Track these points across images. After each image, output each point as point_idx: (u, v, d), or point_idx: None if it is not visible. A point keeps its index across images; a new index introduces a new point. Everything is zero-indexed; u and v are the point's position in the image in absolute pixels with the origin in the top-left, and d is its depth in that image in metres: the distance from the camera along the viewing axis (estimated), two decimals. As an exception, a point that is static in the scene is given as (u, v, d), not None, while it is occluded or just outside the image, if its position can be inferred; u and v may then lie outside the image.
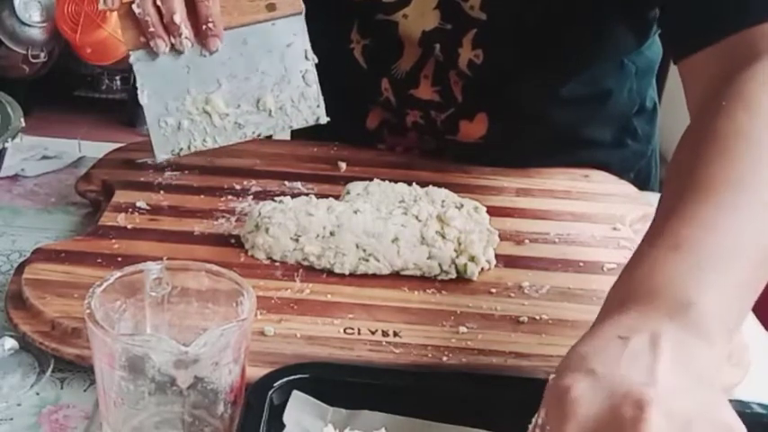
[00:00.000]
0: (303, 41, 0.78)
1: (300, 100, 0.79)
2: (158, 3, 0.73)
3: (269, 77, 0.79)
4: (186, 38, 0.75)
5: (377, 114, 0.97)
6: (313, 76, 0.79)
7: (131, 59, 0.78)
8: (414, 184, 0.81)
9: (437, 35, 0.86)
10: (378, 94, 0.93)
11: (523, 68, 0.86)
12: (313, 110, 0.80)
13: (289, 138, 1.04)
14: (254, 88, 0.79)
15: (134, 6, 0.74)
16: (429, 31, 0.86)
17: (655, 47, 0.95)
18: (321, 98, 0.80)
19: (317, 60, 0.79)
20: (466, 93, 0.90)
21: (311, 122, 0.80)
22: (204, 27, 0.75)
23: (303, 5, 0.77)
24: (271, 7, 0.76)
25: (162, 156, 0.80)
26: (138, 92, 0.78)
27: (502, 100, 0.89)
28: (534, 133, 0.92)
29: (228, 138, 0.80)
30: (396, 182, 0.80)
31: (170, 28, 0.75)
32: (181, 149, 0.80)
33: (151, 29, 0.74)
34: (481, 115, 0.91)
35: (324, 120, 0.79)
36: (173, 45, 0.76)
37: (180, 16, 0.74)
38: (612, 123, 0.97)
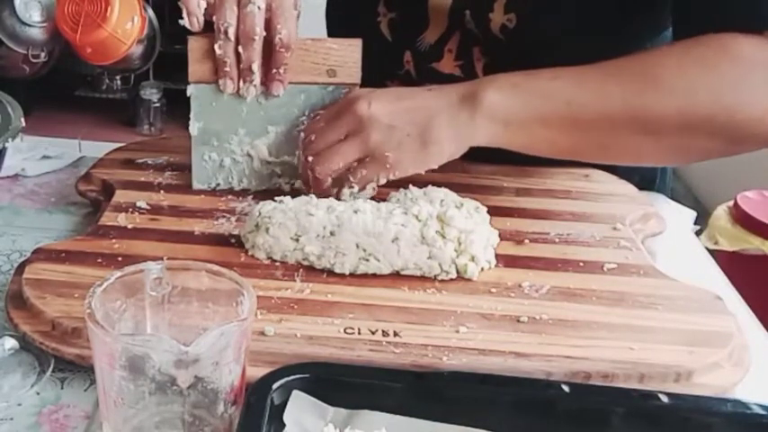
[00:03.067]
0: None
1: None
2: (239, 49, 0.78)
3: None
4: (255, 85, 0.79)
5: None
6: None
7: (190, 91, 0.81)
8: (410, 186, 0.81)
9: (467, 2, 0.88)
10: (399, 66, 0.94)
11: (557, 36, 0.86)
12: None
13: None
14: (297, 143, 0.82)
15: (216, 47, 0.78)
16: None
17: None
18: None
19: None
20: (487, 70, 0.90)
21: None
22: (274, 71, 0.79)
23: (360, 78, 0.82)
24: (331, 73, 0.82)
25: (198, 186, 0.83)
26: (191, 123, 0.82)
27: None
28: None
29: (263, 183, 0.84)
30: (395, 181, 0.80)
31: (244, 74, 0.79)
32: (218, 185, 0.83)
33: (226, 69, 0.79)
34: None
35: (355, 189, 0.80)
36: (238, 88, 0.80)
37: (257, 65, 0.78)
38: None
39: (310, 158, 0.76)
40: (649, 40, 0.91)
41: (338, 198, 0.77)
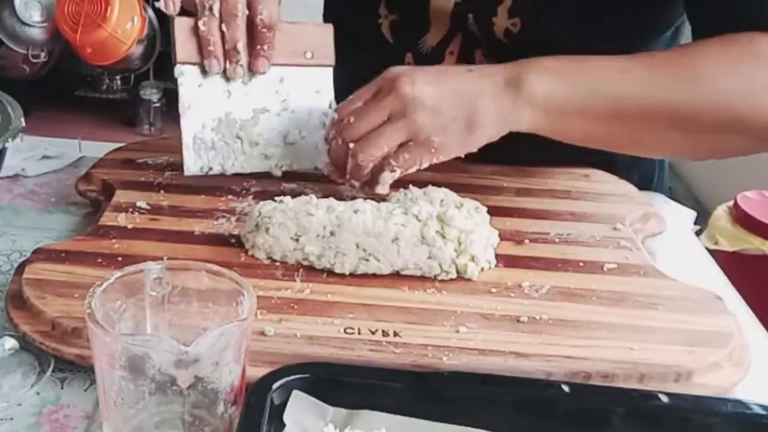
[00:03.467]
0: (329, 92, 0.84)
1: (319, 143, 0.83)
2: (223, 28, 0.77)
3: (297, 117, 0.83)
4: (241, 65, 0.79)
5: None
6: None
7: (177, 72, 0.80)
8: (410, 186, 0.81)
9: (469, 5, 0.88)
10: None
11: (561, 39, 0.86)
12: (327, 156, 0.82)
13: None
14: (283, 125, 0.83)
15: (200, 24, 0.77)
16: (461, 3, 0.88)
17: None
18: None
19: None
20: None
21: (324, 169, 0.82)
22: (258, 47, 0.79)
23: (334, 59, 0.83)
24: (308, 54, 0.83)
25: (192, 170, 0.82)
26: (179, 104, 0.81)
27: None
28: None
29: (253, 166, 0.83)
30: (396, 182, 0.80)
31: (230, 54, 0.79)
32: (210, 168, 0.82)
33: (210, 48, 0.78)
34: None
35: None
36: (224, 68, 0.79)
37: (242, 44, 0.78)
38: None
39: (351, 144, 0.73)
40: (650, 41, 0.91)
41: (371, 188, 0.75)
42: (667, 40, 0.94)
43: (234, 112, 0.81)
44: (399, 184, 0.84)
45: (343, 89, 0.81)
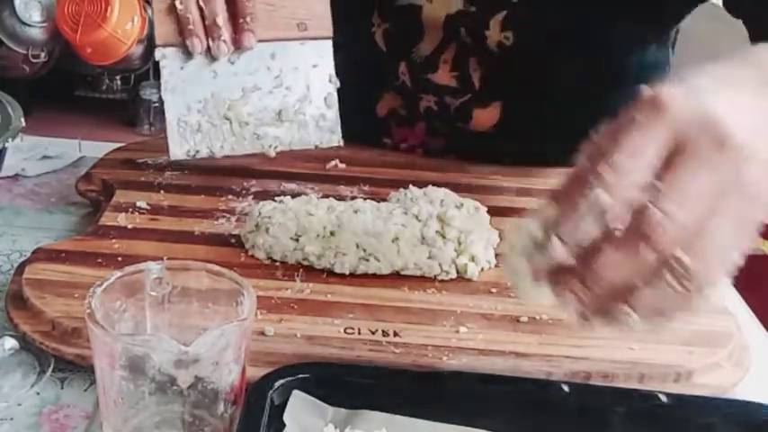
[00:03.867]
0: (328, 65, 0.80)
1: (320, 120, 0.81)
2: (201, 3, 0.75)
3: (292, 94, 0.80)
4: (224, 41, 0.76)
5: (388, 102, 0.97)
6: (334, 99, 0.80)
7: (158, 55, 0.78)
8: (410, 186, 0.81)
9: (462, 18, 0.87)
10: (394, 77, 0.93)
11: (554, 51, 0.86)
12: (331, 132, 0.80)
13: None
14: (277, 103, 0.80)
15: (177, 2, 0.75)
16: (453, 15, 0.87)
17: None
18: (339, 122, 0.80)
19: (338, 85, 0.80)
20: (484, 80, 0.90)
21: (326, 145, 0.80)
22: (241, 21, 0.76)
23: (332, 30, 0.79)
24: (302, 26, 0.78)
25: (177, 154, 0.79)
26: (162, 88, 0.79)
27: (521, 87, 0.89)
28: (546, 123, 0.92)
29: (245, 147, 0.80)
30: (396, 182, 0.80)
31: (210, 30, 0.76)
32: (197, 152, 0.80)
33: (190, 27, 0.76)
34: (496, 104, 0.91)
35: (339, 143, 0.79)
36: (208, 48, 0.77)
37: (222, 18, 0.75)
38: None
39: (684, 261, 0.43)
40: (637, 54, 0.93)
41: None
42: (654, 51, 0.95)
43: (221, 92, 0.79)
44: (399, 184, 0.84)
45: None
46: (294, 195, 0.77)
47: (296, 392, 0.53)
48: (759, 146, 0.44)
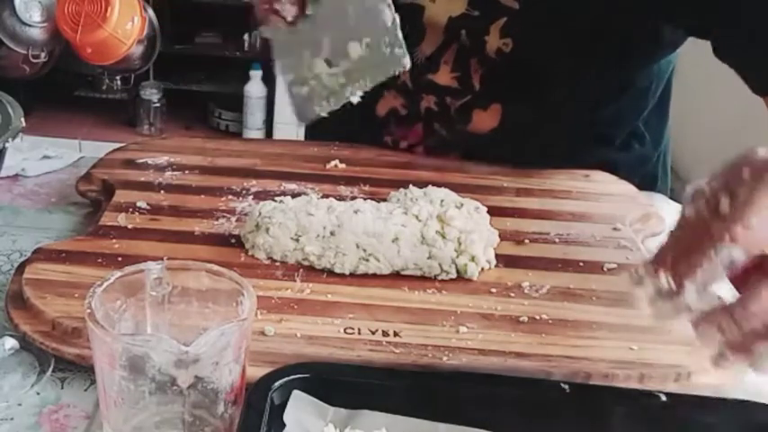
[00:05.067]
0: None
1: (390, 48, 0.75)
2: None
3: (353, 28, 0.76)
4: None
5: (388, 101, 0.97)
6: (397, 24, 0.77)
7: (264, 33, 0.77)
8: (410, 186, 0.81)
9: (463, 21, 0.87)
10: (394, 77, 0.93)
11: (552, 59, 0.87)
12: (399, 58, 0.78)
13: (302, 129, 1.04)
14: (347, 44, 0.76)
15: None
16: (456, 17, 0.88)
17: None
18: (404, 45, 0.78)
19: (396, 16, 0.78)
20: (484, 81, 0.90)
21: (399, 71, 0.78)
22: None
23: None
24: None
25: (304, 121, 0.78)
26: (275, 65, 0.78)
27: (521, 91, 0.89)
28: (546, 128, 0.92)
29: (339, 99, 0.77)
30: (396, 182, 0.80)
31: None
32: (316, 115, 0.77)
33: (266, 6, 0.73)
34: (496, 106, 0.91)
35: (408, 65, 0.75)
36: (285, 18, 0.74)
37: None
38: (625, 123, 0.97)
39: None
40: (639, 67, 0.93)
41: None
42: (658, 68, 0.95)
43: (307, 52, 0.76)
44: (399, 184, 0.84)
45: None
46: (294, 195, 0.77)
47: (296, 392, 0.53)
48: None
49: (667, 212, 0.92)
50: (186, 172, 0.87)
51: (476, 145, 0.92)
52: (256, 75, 2.91)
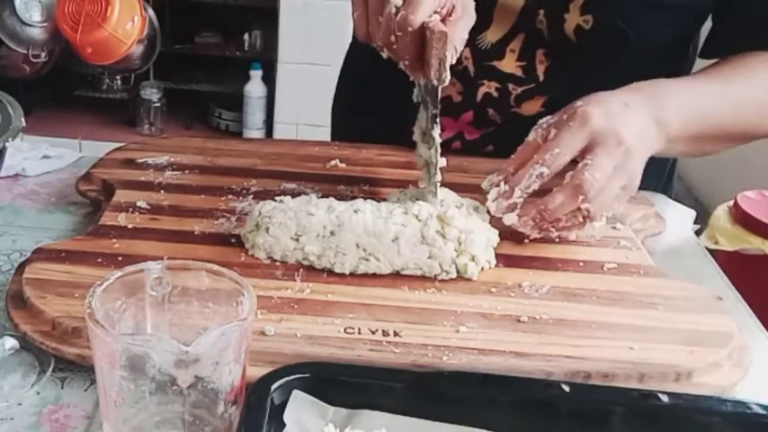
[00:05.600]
0: None
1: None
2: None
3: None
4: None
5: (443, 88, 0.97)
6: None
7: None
8: (410, 186, 0.81)
9: (542, 1, 0.88)
10: (457, 62, 0.93)
11: (630, 41, 0.88)
12: None
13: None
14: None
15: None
16: None
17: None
18: None
19: None
20: (549, 74, 0.91)
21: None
22: None
23: None
24: None
25: None
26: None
27: (583, 78, 0.88)
28: None
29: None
30: (396, 182, 0.80)
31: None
32: None
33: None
34: (552, 94, 0.92)
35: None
36: None
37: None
38: None
39: (585, 205, 0.72)
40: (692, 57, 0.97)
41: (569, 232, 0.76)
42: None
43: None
44: (399, 184, 0.84)
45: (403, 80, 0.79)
46: (294, 195, 0.77)
47: (296, 392, 0.53)
48: (639, 147, 0.75)
49: (667, 212, 0.92)
50: (186, 172, 0.87)
51: (520, 130, 0.91)
52: (256, 75, 2.91)
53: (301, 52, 2.75)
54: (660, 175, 1.03)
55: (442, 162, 0.78)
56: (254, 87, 2.92)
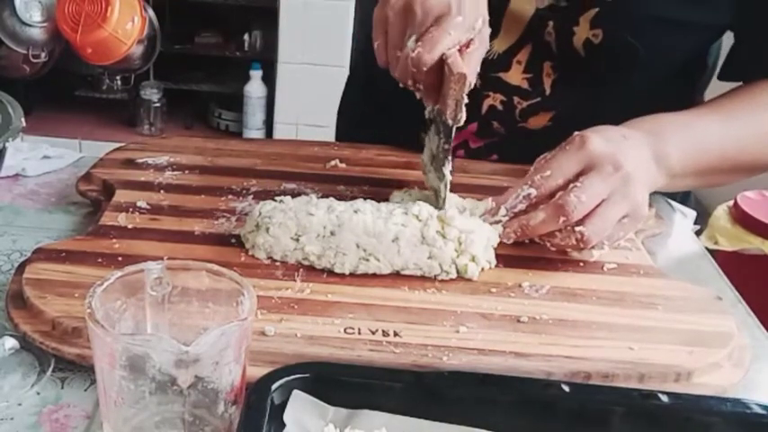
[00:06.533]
0: None
1: None
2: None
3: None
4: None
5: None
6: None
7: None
8: (416, 187, 0.81)
9: (551, 13, 0.87)
10: None
11: (638, 54, 0.87)
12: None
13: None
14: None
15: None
16: (543, 9, 0.87)
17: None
18: None
19: None
20: (556, 87, 0.90)
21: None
22: None
23: None
24: None
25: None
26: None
27: (590, 91, 0.90)
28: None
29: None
30: (396, 182, 0.80)
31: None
32: None
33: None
34: (558, 109, 0.92)
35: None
36: None
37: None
38: None
39: (579, 228, 0.71)
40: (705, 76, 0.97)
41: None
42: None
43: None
44: (399, 184, 0.84)
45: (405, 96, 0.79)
46: (294, 195, 0.77)
47: (296, 392, 0.53)
48: (638, 174, 0.73)
49: (667, 212, 0.92)
50: (186, 172, 0.87)
51: (526, 142, 0.91)
52: (256, 75, 2.91)
53: (301, 52, 2.75)
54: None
55: (449, 176, 0.78)
56: (254, 87, 2.92)
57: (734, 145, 0.84)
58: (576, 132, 0.75)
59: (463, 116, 0.73)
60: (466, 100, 0.72)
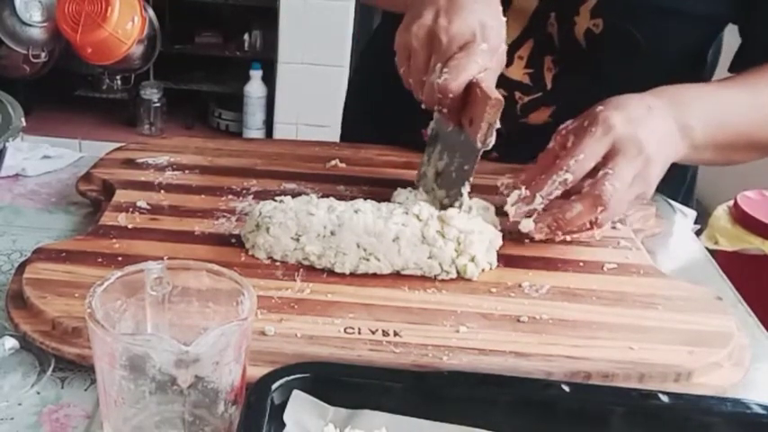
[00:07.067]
0: None
1: None
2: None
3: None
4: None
5: None
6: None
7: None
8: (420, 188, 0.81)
9: (553, 4, 0.88)
10: None
11: (639, 47, 0.87)
12: None
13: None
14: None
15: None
16: (544, 1, 0.88)
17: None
18: None
19: None
20: (557, 81, 0.91)
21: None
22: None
23: None
24: None
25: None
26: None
27: (591, 85, 0.88)
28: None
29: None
30: (396, 182, 0.80)
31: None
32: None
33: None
34: (559, 105, 0.92)
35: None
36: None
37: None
38: None
39: (600, 209, 0.73)
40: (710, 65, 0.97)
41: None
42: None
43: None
44: (399, 184, 0.84)
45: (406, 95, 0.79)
46: (294, 195, 0.77)
47: (296, 392, 0.53)
48: (659, 154, 0.75)
49: (667, 212, 0.92)
50: (186, 172, 0.87)
51: (526, 140, 0.91)
52: (256, 75, 2.91)
53: (301, 52, 2.75)
54: (680, 188, 1.03)
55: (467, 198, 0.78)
56: (254, 87, 2.92)
57: (758, 121, 0.84)
58: (599, 107, 0.75)
59: (493, 140, 0.74)
60: (498, 125, 0.73)
